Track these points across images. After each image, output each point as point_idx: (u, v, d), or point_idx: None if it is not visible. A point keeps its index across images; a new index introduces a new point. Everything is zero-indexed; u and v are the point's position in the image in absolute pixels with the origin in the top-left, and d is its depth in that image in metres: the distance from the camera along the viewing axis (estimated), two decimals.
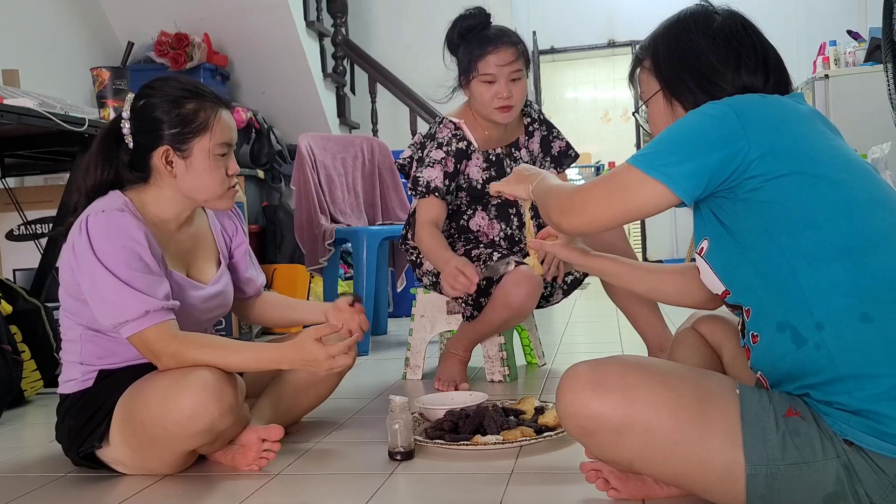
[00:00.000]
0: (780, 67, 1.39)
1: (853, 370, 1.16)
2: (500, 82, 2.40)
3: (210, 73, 4.67)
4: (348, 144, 3.90)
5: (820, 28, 6.79)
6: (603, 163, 8.78)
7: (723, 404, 1.23)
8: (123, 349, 1.75)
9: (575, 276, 2.74)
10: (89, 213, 1.71)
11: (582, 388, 1.28)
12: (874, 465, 1.15)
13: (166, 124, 1.76)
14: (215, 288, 1.91)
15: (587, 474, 1.46)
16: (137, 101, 1.79)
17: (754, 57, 1.36)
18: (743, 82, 1.35)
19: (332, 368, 1.73)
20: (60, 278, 1.78)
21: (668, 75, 1.41)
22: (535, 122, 2.64)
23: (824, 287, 1.19)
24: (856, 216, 1.21)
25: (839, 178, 1.23)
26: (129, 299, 1.64)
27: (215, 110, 1.79)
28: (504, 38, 2.43)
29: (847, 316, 1.17)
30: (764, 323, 1.26)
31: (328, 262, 3.53)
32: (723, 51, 1.36)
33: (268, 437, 1.74)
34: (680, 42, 1.40)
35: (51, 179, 3.63)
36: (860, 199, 1.22)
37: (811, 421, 1.20)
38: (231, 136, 1.83)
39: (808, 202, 1.21)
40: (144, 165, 1.79)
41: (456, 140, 2.50)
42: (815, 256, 1.20)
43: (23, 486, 1.76)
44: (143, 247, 1.68)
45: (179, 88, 1.79)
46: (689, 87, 1.38)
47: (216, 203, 1.85)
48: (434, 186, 2.43)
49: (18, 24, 3.91)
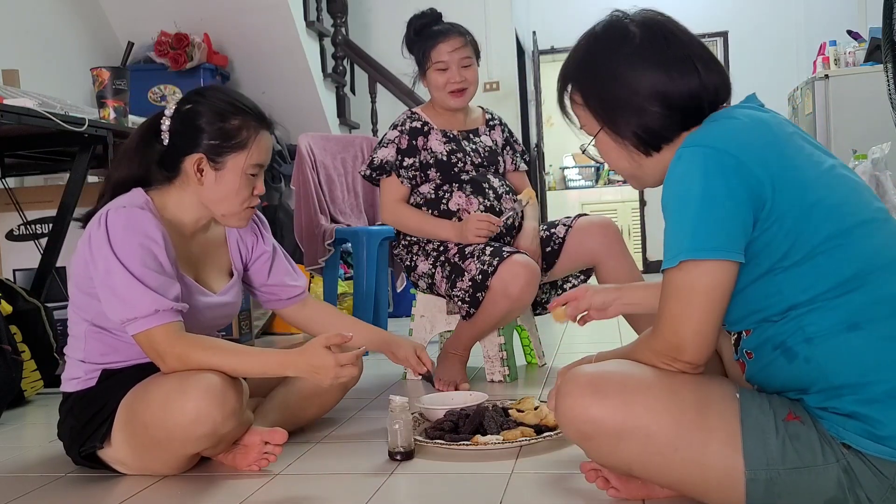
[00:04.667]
0: (710, 63, 1.31)
1: (845, 380, 1.17)
2: (451, 69, 2.61)
3: (210, 73, 4.67)
4: (348, 144, 3.90)
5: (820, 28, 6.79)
6: (603, 163, 8.75)
7: (723, 409, 1.22)
8: (126, 348, 1.75)
9: (573, 284, 2.74)
10: (110, 207, 1.72)
11: (581, 393, 1.27)
12: (873, 467, 1.15)
13: (207, 134, 1.76)
14: (223, 299, 1.90)
15: (587, 474, 1.46)
16: (184, 104, 1.80)
17: (682, 65, 1.29)
18: (678, 93, 1.28)
19: (339, 378, 1.70)
20: (72, 271, 1.77)
21: (605, 116, 1.34)
22: (495, 120, 2.82)
23: (818, 308, 1.19)
24: (850, 245, 1.19)
25: (831, 203, 1.20)
26: (140, 296, 1.64)
27: (257, 131, 1.80)
28: (453, 29, 2.65)
29: (835, 328, 1.18)
30: (760, 344, 1.26)
31: (328, 262, 3.53)
32: (650, 72, 1.28)
33: (271, 441, 1.74)
34: (604, 76, 1.32)
35: (51, 179, 3.63)
36: (851, 222, 1.20)
37: (811, 425, 1.19)
38: (266, 158, 1.84)
39: (805, 237, 1.19)
40: (175, 166, 1.80)
41: (411, 121, 2.68)
42: (814, 288, 1.19)
43: (23, 486, 1.76)
44: (159, 246, 1.69)
45: (228, 102, 1.80)
46: (629, 123, 1.31)
47: (231, 220, 1.86)
48: (386, 162, 2.63)
49: (18, 24, 3.91)
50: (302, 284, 2.09)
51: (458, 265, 2.46)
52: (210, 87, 1.86)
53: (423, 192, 2.62)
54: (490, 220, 2.47)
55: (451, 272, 2.48)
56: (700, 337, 1.22)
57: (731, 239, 1.18)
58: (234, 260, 1.98)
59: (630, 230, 7.78)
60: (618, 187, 8.37)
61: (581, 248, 2.61)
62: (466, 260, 2.44)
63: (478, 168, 2.64)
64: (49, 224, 3.23)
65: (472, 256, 2.43)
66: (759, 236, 1.20)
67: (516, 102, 6.13)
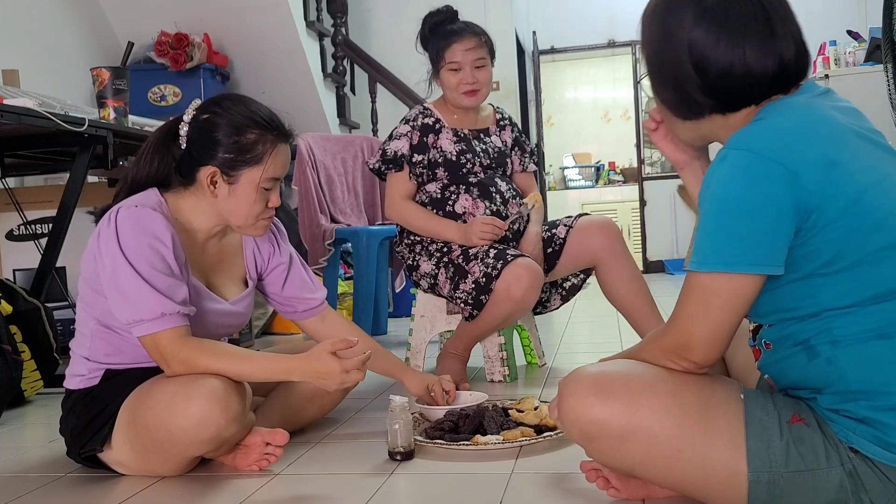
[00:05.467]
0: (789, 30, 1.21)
1: (862, 386, 1.16)
2: (465, 69, 2.59)
3: (210, 73, 4.67)
4: (348, 144, 3.90)
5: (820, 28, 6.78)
6: (603, 163, 8.78)
7: (726, 410, 1.22)
8: (131, 349, 1.74)
9: (573, 283, 2.74)
10: (122, 205, 1.70)
11: (585, 393, 1.26)
12: (880, 473, 1.15)
13: (222, 147, 1.73)
14: (233, 308, 1.88)
15: (587, 474, 1.45)
16: (202, 112, 1.77)
17: (759, 31, 1.20)
18: (752, 70, 1.20)
19: (345, 383, 1.69)
20: (81, 267, 1.76)
21: (669, 98, 1.29)
22: (505, 120, 2.81)
23: (851, 314, 1.17)
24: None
25: (883, 214, 1.15)
26: (147, 298, 1.63)
27: (274, 145, 1.77)
28: (468, 29, 2.62)
29: (865, 335, 1.16)
30: (781, 338, 1.24)
31: (328, 262, 3.54)
32: (722, 37, 1.20)
33: (272, 441, 1.74)
34: (668, 44, 1.25)
35: (51, 179, 3.63)
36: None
37: (816, 428, 1.19)
38: (283, 171, 1.80)
39: (853, 246, 1.15)
40: (190, 174, 1.78)
41: (423, 117, 2.66)
42: (851, 296, 1.16)
43: (23, 486, 1.76)
44: (167, 248, 1.67)
45: (247, 116, 1.76)
46: (697, 99, 1.25)
47: (246, 230, 1.84)
48: (401, 154, 2.60)
49: (18, 24, 3.91)
50: (319, 297, 2.04)
51: (461, 267, 2.46)
52: (228, 96, 1.81)
53: (430, 190, 2.62)
54: (494, 224, 2.47)
55: (455, 274, 2.48)
56: (712, 340, 1.21)
57: (768, 252, 1.15)
58: (248, 269, 1.95)
59: (630, 230, 7.78)
60: (618, 187, 8.37)
61: (582, 249, 2.61)
62: (470, 262, 2.44)
63: (486, 170, 2.63)
64: (49, 224, 3.23)
65: (476, 258, 2.43)
66: (802, 244, 1.16)
67: (516, 102, 6.14)
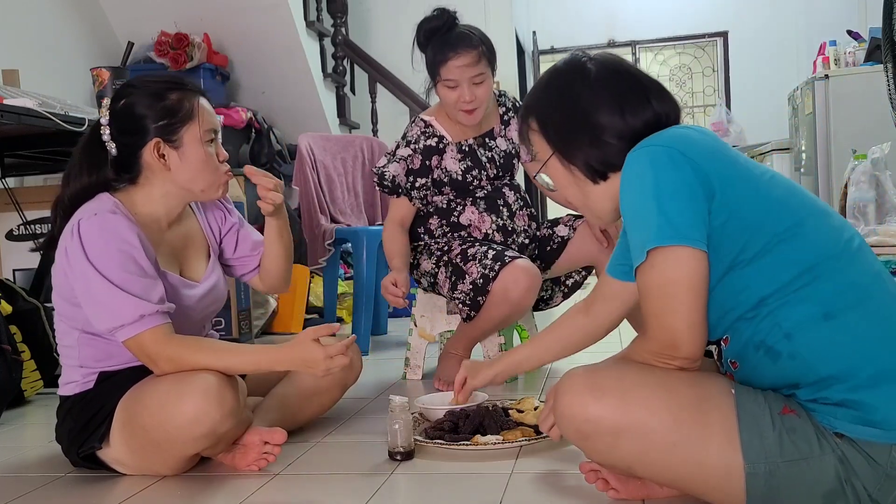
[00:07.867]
0: (662, 94, 1.38)
1: (831, 371, 1.19)
2: (462, 87, 2.43)
3: (210, 73, 4.67)
4: (348, 144, 3.90)
5: (820, 28, 6.79)
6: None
7: (719, 404, 1.23)
8: (121, 351, 1.74)
9: (575, 280, 2.74)
10: (81, 216, 1.69)
11: (579, 391, 1.28)
12: (867, 455, 1.17)
13: (150, 118, 1.75)
14: (207, 284, 1.90)
15: (586, 474, 1.46)
16: (117, 102, 1.78)
17: (636, 95, 1.35)
18: (631, 125, 1.33)
19: (330, 369, 1.71)
20: (53, 283, 1.76)
21: (558, 138, 1.39)
22: (510, 112, 2.69)
23: (790, 300, 1.21)
24: (805, 234, 1.23)
25: (780, 196, 1.26)
26: (123, 303, 1.63)
27: (196, 98, 1.80)
28: (465, 42, 2.43)
29: (810, 319, 1.20)
30: (741, 349, 1.27)
31: (328, 262, 3.53)
32: (605, 100, 1.34)
33: (270, 440, 1.74)
34: (562, 101, 1.38)
35: (51, 179, 3.63)
36: (802, 214, 1.25)
37: (806, 418, 1.21)
38: (215, 121, 1.83)
39: (764, 228, 1.23)
40: (133, 165, 1.78)
41: (425, 137, 2.56)
42: (779, 278, 1.22)
43: (23, 486, 1.76)
44: (137, 249, 1.67)
45: (159, 82, 1.79)
46: (582, 147, 1.36)
47: (212, 192, 1.84)
48: (398, 182, 2.53)
49: (18, 24, 3.91)
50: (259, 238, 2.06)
51: (459, 267, 2.46)
52: (129, 81, 1.84)
53: (436, 201, 2.59)
54: (396, 294, 2.35)
55: (453, 273, 2.48)
56: (692, 328, 1.23)
57: (691, 226, 1.21)
58: (209, 239, 1.97)
59: None
60: None
61: (581, 251, 2.61)
62: (468, 262, 2.43)
63: (493, 181, 2.59)
64: (48, 224, 3.23)
65: (474, 259, 2.42)
66: (717, 229, 1.22)
67: None
